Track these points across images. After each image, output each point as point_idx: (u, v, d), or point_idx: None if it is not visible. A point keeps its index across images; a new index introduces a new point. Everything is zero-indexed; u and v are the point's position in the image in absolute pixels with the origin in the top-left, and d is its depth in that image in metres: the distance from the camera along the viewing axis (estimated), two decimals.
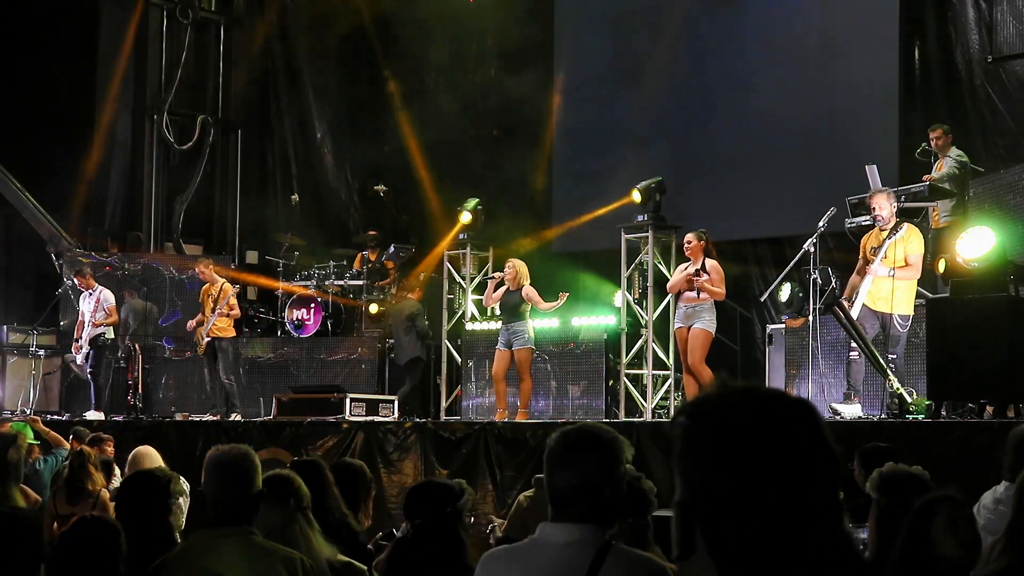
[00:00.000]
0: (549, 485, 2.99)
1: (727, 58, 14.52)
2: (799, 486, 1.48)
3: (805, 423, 1.52)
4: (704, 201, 13.93)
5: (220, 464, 3.80)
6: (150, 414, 14.11)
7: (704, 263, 10.63)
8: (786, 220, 13.44)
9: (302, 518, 4.34)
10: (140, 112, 17.55)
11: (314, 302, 14.84)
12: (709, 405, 1.55)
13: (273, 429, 11.68)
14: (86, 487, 7.26)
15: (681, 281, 10.72)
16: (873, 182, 10.90)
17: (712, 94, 14.55)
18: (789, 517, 1.47)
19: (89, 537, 4.05)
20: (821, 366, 10.16)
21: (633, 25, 15.31)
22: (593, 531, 2.94)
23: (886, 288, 9.38)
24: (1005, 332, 8.14)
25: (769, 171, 13.80)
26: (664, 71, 14.79)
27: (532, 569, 2.94)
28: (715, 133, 14.39)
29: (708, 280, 10.53)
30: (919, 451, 7.03)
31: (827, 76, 13.63)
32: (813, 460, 1.50)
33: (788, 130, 13.84)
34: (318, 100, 18.24)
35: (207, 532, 3.85)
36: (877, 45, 13.43)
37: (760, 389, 1.56)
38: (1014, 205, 10.15)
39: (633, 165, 13.75)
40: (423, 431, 10.86)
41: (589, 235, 14.61)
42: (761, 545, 1.47)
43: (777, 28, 14.32)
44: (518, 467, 10.04)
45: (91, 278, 14.10)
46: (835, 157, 13.19)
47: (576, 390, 12.24)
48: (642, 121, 14.85)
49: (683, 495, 1.53)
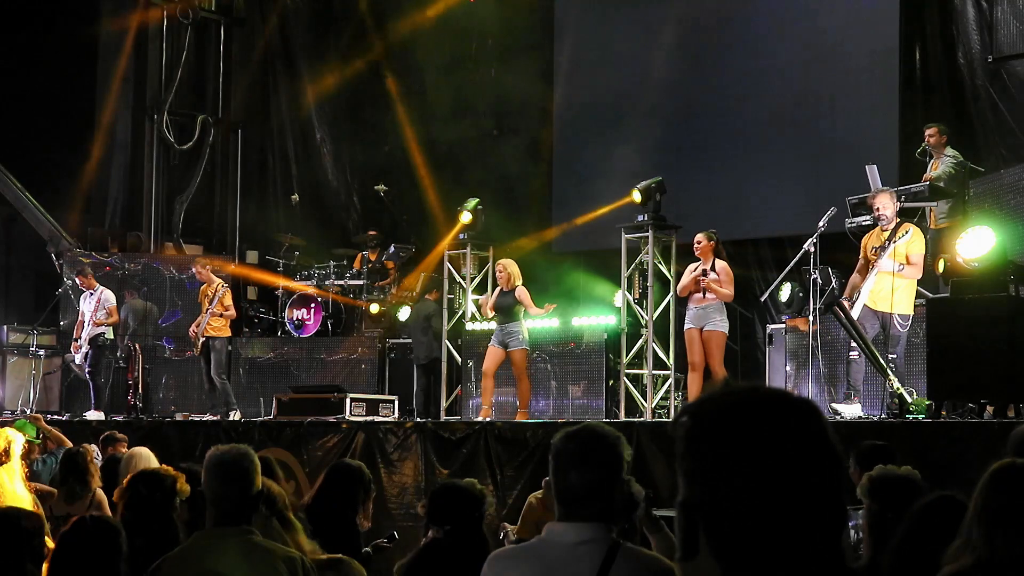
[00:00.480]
0: (558, 485, 2.98)
1: (727, 58, 14.52)
2: (803, 486, 1.47)
3: (809, 423, 1.52)
4: (704, 201, 13.93)
5: (220, 464, 3.79)
6: (150, 414, 14.11)
7: (714, 263, 10.64)
8: (786, 220, 13.43)
9: (276, 521, 4.30)
10: (140, 112, 17.54)
11: (314, 302, 14.85)
12: (712, 405, 1.55)
13: (273, 429, 11.68)
14: (81, 487, 7.24)
15: (690, 282, 10.72)
16: (873, 182, 10.90)
17: (713, 94, 14.54)
18: (793, 517, 1.47)
19: (89, 537, 4.05)
20: (821, 366, 10.16)
21: (634, 26, 15.30)
22: (602, 530, 2.94)
23: (887, 286, 9.37)
24: (1005, 332, 8.13)
25: (769, 171, 13.79)
26: (664, 71, 14.79)
27: (541, 569, 2.94)
28: (716, 133, 14.38)
29: (716, 280, 10.53)
30: (919, 451, 7.04)
31: (827, 76, 13.63)
32: (817, 460, 1.50)
33: (789, 130, 13.84)
34: (318, 100, 18.24)
35: (207, 532, 3.85)
36: (877, 45, 13.42)
37: (763, 389, 1.56)
38: (1014, 205, 10.15)
39: (633, 165, 13.74)
40: (423, 431, 10.86)
41: (589, 235, 14.61)
42: (765, 545, 1.47)
43: (777, 28, 14.31)
44: (518, 467, 10.04)
45: (92, 278, 14.12)
46: (835, 157, 13.19)
47: (576, 390, 12.23)
48: (642, 121, 14.84)
49: (686, 496, 1.52)
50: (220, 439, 10.86)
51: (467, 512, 4.17)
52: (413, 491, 10.59)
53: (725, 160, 14.23)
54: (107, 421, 12.91)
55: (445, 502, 4.26)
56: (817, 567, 1.47)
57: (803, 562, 1.47)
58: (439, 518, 4.19)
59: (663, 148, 14.47)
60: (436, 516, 4.21)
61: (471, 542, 4.12)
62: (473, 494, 4.28)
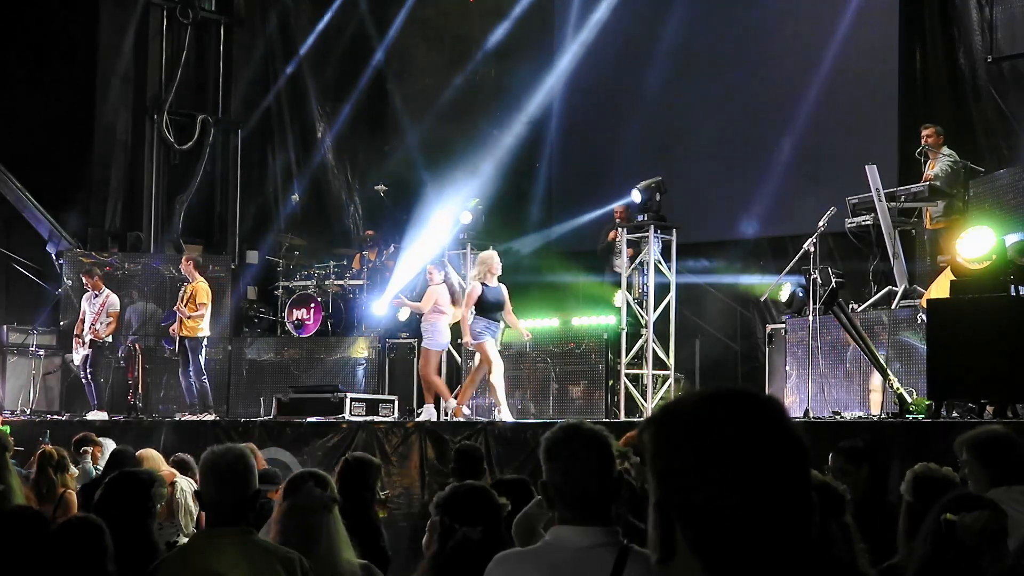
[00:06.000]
0: (562, 487, 2.96)
1: (728, 58, 14.52)
2: (772, 480, 1.51)
3: (774, 419, 1.55)
4: (704, 201, 13.94)
5: (215, 465, 3.79)
6: (150, 414, 14.11)
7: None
8: (786, 220, 13.44)
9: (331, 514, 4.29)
10: (140, 112, 17.53)
11: (314, 302, 14.84)
12: (680, 405, 1.59)
13: (273, 429, 11.67)
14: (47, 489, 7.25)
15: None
16: (873, 182, 10.91)
17: (713, 94, 14.53)
18: (765, 512, 1.50)
19: (77, 537, 4.06)
20: (821, 366, 10.16)
21: (634, 26, 15.30)
22: (611, 534, 2.93)
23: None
24: (1005, 332, 8.13)
25: (769, 171, 13.79)
26: (665, 71, 14.78)
27: (549, 573, 2.91)
28: (716, 133, 14.38)
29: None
30: (919, 451, 7.03)
31: (827, 76, 13.62)
32: (784, 454, 1.53)
33: (788, 130, 13.84)
34: (318, 100, 18.23)
35: (206, 532, 3.85)
36: (877, 45, 13.43)
37: (729, 388, 1.59)
38: (1014, 205, 10.15)
39: (633, 165, 13.74)
40: (423, 431, 10.86)
41: (589, 234, 14.61)
42: (741, 540, 1.49)
43: (778, 28, 14.32)
44: (518, 467, 10.03)
45: (100, 280, 14.10)
46: (835, 157, 13.19)
47: (576, 390, 12.24)
48: (643, 121, 14.84)
49: (659, 496, 1.55)
50: (220, 439, 10.85)
51: (497, 513, 4.16)
52: (413, 491, 10.58)
53: (725, 160, 14.23)
54: (109, 421, 12.92)
55: (472, 502, 4.21)
56: (793, 559, 1.50)
57: (779, 555, 1.50)
58: (470, 519, 4.12)
59: (664, 148, 14.47)
60: (467, 517, 4.14)
61: (500, 542, 4.11)
62: (491, 494, 4.29)
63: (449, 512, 3.98)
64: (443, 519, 3.95)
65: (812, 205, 11.50)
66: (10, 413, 13.98)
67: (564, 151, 15.97)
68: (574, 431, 3.03)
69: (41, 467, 7.38)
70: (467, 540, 4.00)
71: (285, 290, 15.40)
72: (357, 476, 5.53)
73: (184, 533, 6.96)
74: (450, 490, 4.02)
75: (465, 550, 4.02)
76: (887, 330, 10.07)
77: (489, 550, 3.84)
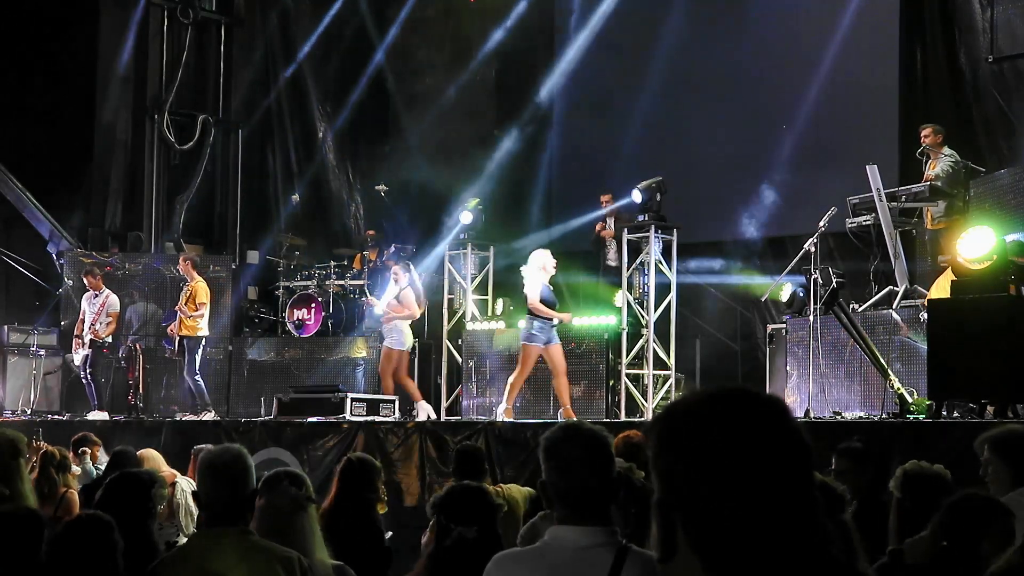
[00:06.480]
0: (562, 487, 2.96)
1: (728, 58, 14.51)
2: (774, 479, 1.51)
3: (775, 418, 1.55)
4: (705, 201, 13.93)
5: (212, 466, 3.79)
6: (150, 414, 14.11)
7: None
8: (786, 220, 13.43)
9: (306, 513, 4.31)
10: (140, 112, 17.52)
11: (314, 302, 14.84)
12: (682, 406, 1.59)
13: (274, 429, 11.67)
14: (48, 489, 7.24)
15: None
16: (873, 182, 10.90)
17: (713, 94, 14.54)
18: (767, 510, 1.50)
19: (86, 534, 4.06)
20: (822, 366, 10.15)
21: (635, 26, 15.30)
22: (609, 534, 2.93)
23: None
24: (1005, 332, 8.13)
25: (769, 171, 13.79)
26: (665, 71, 14.78)
27: (547, 573, 2.91)
28: (716, 133, 14.38)
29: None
30: (919, 451, 7.02)
31: (827, 76, 13.62)
32: (785, 454, 1.53)
33: (788, 130, 13.83)
34: (319, 100, 18.24)
35: (205, 532, 3.85)
36: (877, 45, 13.43)
37: (731, 387, 1.59)
38: (1015, 205, 10.14)
39: (633, 165, 13.74)
40: (423, 431, 10.86)
41: (589, 234, 14.61)
42: (740, 537, 1.49)
43: (778, 28, 14.31)
44: (518, 467, 10.03)
45: (101, 280, 14.10)
46: (835, 157, 13.19)
47: (576, 390, 12.23)
48: (643, 121, 14.84)
49: (662, 495, 1.55)
50: (220, 439, 10.85)
51: (492, 513, 4.17)
52: (413, 491, 10.58)
53: (725, 160, 14.22)
54: (110, 421, 12.92)
55: (467, 502, 4.22)
56: (793, 558, 1.50)
57: (779, 555, 1.49)
58: (465, 518, 4.14)
59: (664, 148, 14.46)
60: (462, 517, 4.15)
61: (496, 541, 4.12)
62: (488, 493, 4.29)
63: (445, 512, 3.99)
64: (439, 519, 3.96)
65: (813, 205, 11.50)
66: (10, 413, 13.98)
67: (564, 151, 15.97)
68: (573, 431, 3.04)
69: (43, 467, 7.37)
70: (462, 539, 4.01)
71: (286, 290, 15.40)
72: (360, 476, 5.54)
73: (184, 533, 6.96)
74: (446, 490, 4.04)
75: (460, 549, 4.03)
76: (889, 330, 10.07)
77: (484, 549, 3.85)
